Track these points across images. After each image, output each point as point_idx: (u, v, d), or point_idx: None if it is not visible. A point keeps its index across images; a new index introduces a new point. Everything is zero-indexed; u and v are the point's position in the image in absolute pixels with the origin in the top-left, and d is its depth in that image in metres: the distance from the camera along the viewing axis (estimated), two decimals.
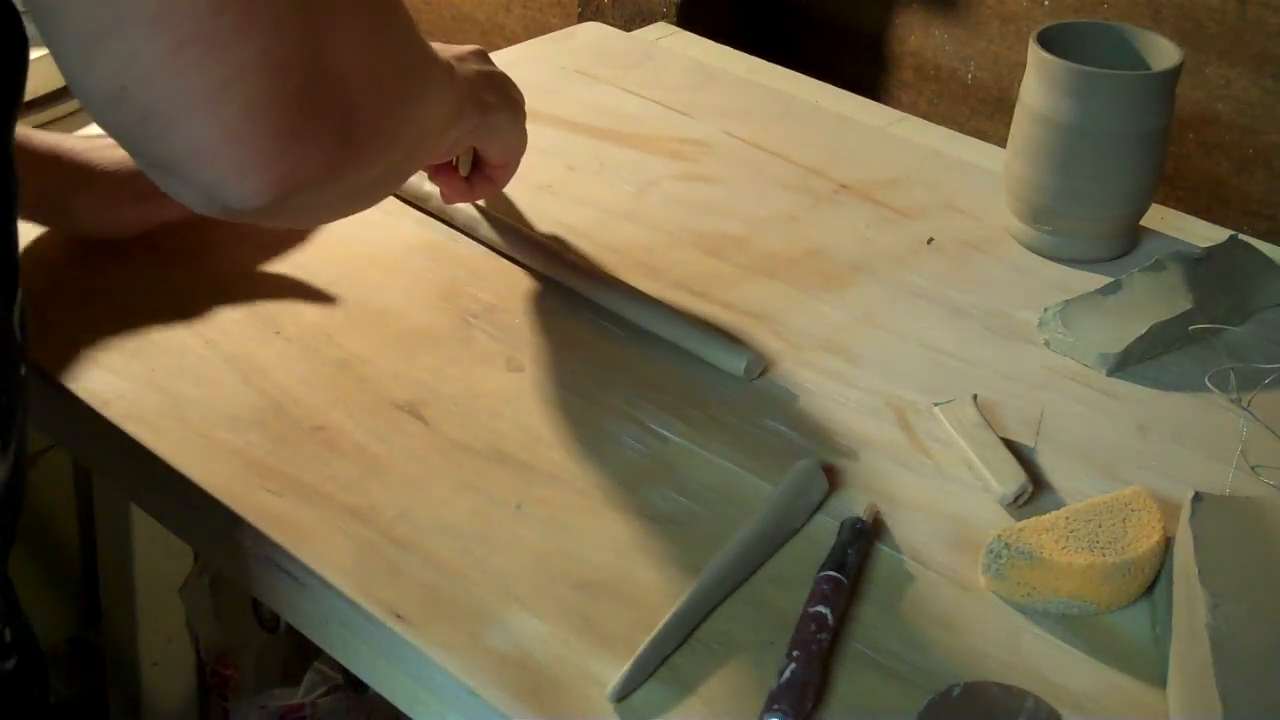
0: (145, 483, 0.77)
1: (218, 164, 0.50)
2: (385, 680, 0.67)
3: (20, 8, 0.54)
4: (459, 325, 0.84)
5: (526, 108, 0.87)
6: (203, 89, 0.48)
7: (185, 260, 0.88)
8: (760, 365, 0.81)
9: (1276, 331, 0.88)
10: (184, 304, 0.84)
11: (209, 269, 0.88)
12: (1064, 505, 0.71)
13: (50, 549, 1.31)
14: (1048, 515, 0.69)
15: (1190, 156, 1.13)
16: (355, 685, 1.16)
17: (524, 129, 0.87)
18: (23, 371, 0.63)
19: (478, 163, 0.87)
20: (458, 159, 0.86)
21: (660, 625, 0.63)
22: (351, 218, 0.92)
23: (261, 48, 0.49)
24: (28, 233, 0.84)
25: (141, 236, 0.89)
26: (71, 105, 1.06)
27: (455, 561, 0.68)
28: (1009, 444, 0.76)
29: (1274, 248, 0.94)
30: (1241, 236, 0.92)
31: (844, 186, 1.02)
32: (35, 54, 1.08)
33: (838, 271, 0.92)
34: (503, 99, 0.83)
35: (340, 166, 0.54)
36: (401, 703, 0.67)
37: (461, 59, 0.82)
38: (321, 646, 0.71)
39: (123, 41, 0.48)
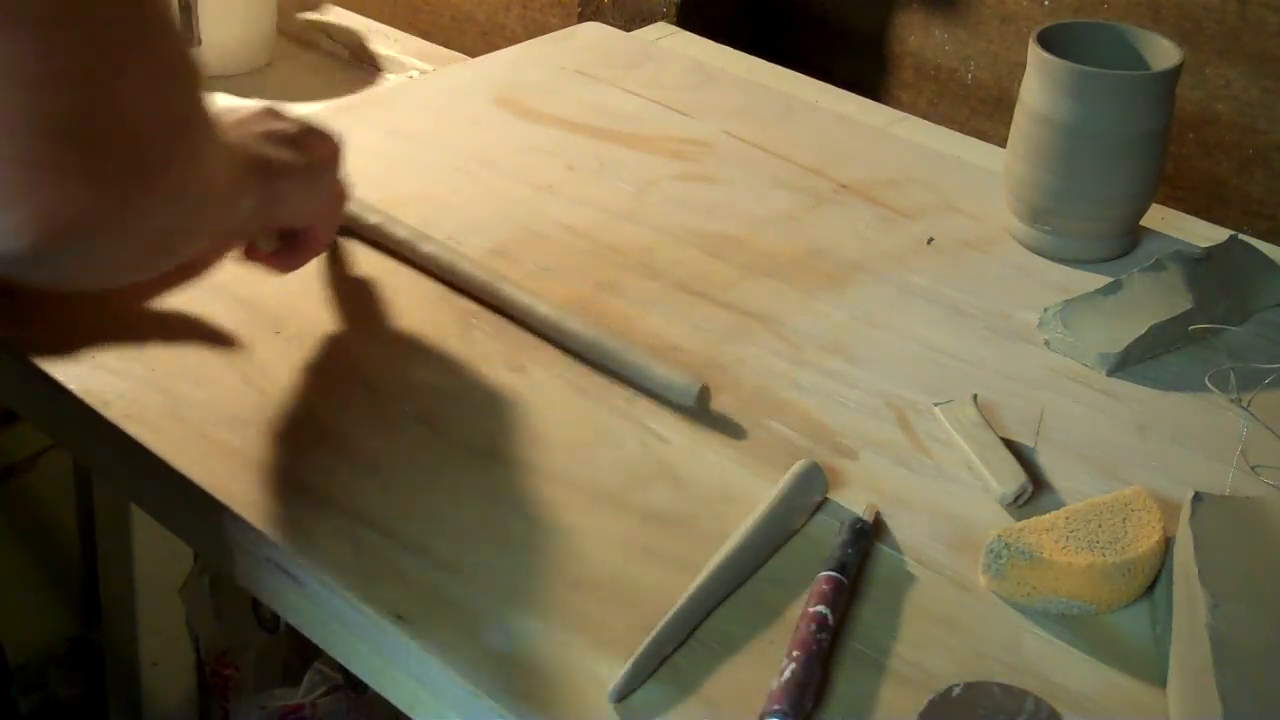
0: (145, 483, 0.77)
1: None
2: (385, 680, 0.67)
3: None
4: (459, 325, 0.84)
5: (528, 107, 0.85)
6: None
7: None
8: (708, 394, 0.78)
9: (1276, 331, 0.88)
10: (184, 304, 0.84)
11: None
12: (1064, 505, 0.71)
13: (50, 549, 1.31)
14: (1048, 515, 0.69)
15: (1190, 156, 1.13)
16: (355, 685, 1.16)
17: (329, 182, 0.79)
18: None
19: (292, 231, 0.79)
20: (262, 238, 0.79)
21: (660, 625, 0.63)
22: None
23: (19, 51, 0.44)
24: None
25: None
26: None
27: (455, 561, 0.68)
28: (1009, 444, 0.76)
29: (1274, 248, 0.94)
30: (1241, 236, 0.92)
31: (844, 186, 1.02)
32: None
33: (838, 271, 0.92)
34: (294, 156, 0.75)
35: (113, 210, 0.48)
36: (401, 703, 0.67)
37: (243, 122, 0.75)
38: (321, 646, 0.71)
39: None
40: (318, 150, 0.78)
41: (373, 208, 0.91)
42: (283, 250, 0.80)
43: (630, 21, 1.31)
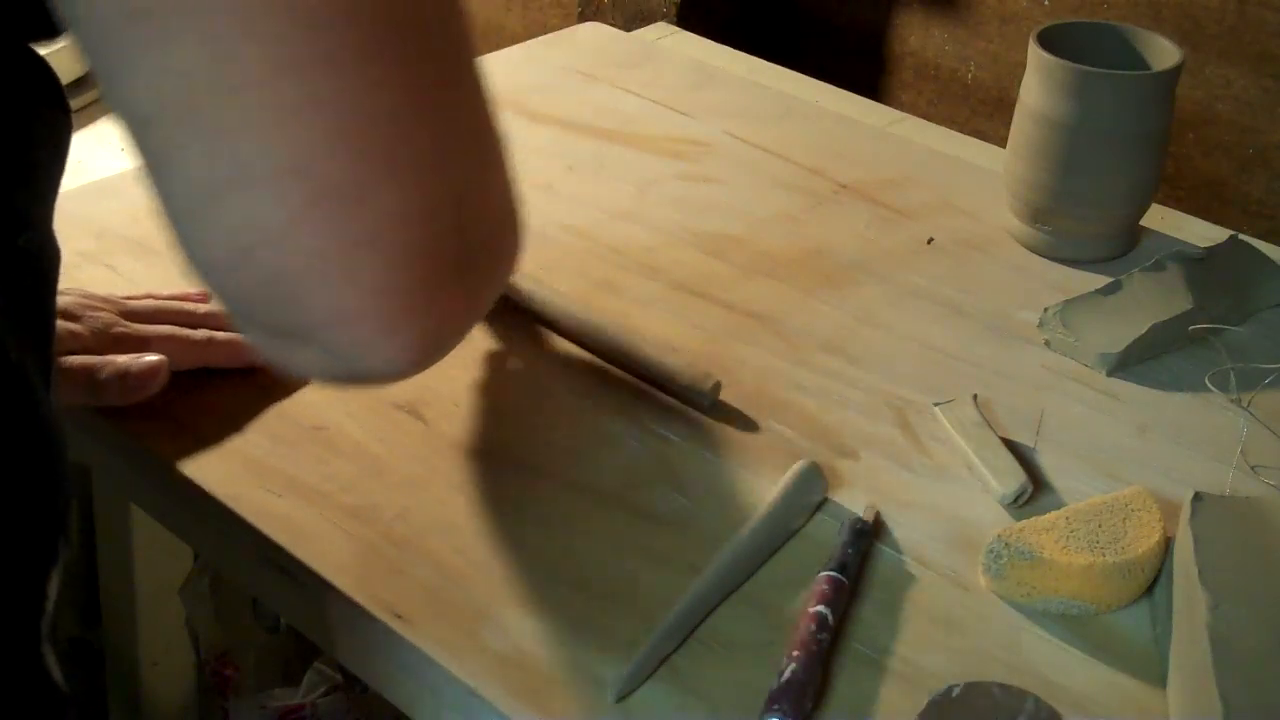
0: (145, 483, 0.76)
1: (358, 327, 0.43)
2: (385, 680, 0.67)
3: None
4: None
5: (528, 107, 0.84)
6: (344, 245, 0.41)
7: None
8: (717, 390, 0.78)
9: (1276, 331, 0.88)
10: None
11: None
12: (1064, 505, 0.71)
13: None
14: (1048, 515, 0.69)
15: (1190, 156, 1.13)
16: (355, 685, 1.16)
17: None
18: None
19: None
20: None
21: (660, 625, 0.63)
22: None
23: (406, 198, 0.42)
24: None
25: (135, 238, 0.89)
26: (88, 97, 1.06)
27: (455, 561, 0.68)
28: (1009, 444, 0.76)
29: (1274, 248, 0.94)
30: (1241, 236, 0.92)
31: (844, 186, 1.02)
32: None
33: (838, 271, 0.92)
34: None
35: (481, 312, 0.48)
36: (401, 703, 0.67)
37: None
38: (321, 646, 0.71)
39: (247, 198, 0.41)
40: None
41: None
42: None
43: (630, 21, 1.31)
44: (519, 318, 0.84)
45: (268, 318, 0.44)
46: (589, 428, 0.77)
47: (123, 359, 0.75)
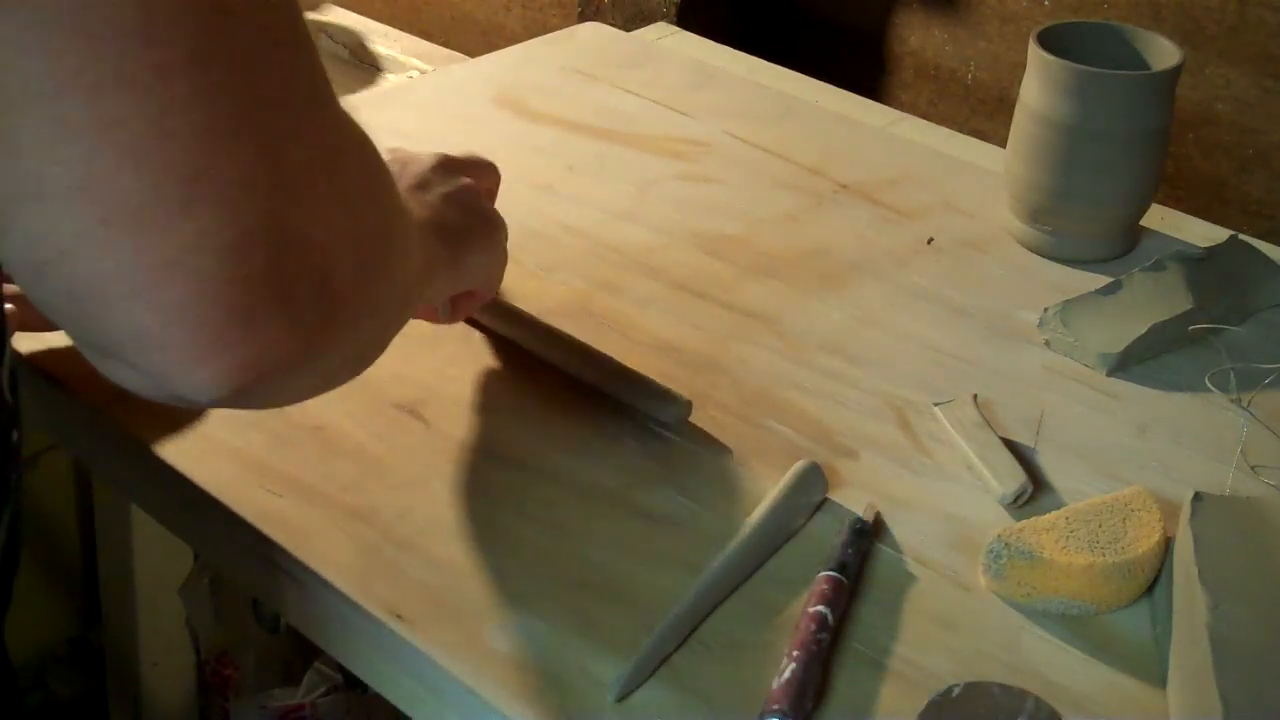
0: (145, 483, 0.76)
1: (165, 351, 0.43)
2: (385, 680, 0.67)
3: None
4: (459, 325, 0.84)
5: (528, 107, 0.84)
6: (141, 267, 0.41)
7: None
8: (688, 411, 0.77)
9: (1276, 331, 0.88)
10: None
11: None
12: (1064, 505, 0.71)
13: (50, 549, 1.31)
14: (1048, 515, 0.69)
15: (1190, 156, 1.13)
16: (355, 685, 1.16)
17: (502, 244, 0.76)
18: (15, 437, 0.59)
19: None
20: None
21: (660, 625, 0.63)
22: None
23: (213, 224, 0.41)
24: None
25: None
26: None
27: (455, 561, 0.68)
28: (1009, 444, 0.76)
29: (1274, 248, 0.94)
30: (1241, 236, 0.92)
31: (844, 186, 1.02)
32: None
33: (838, 271, 0.92)
34: (475, 222, 0.73)
35: (313, 348, 0.46)
36: (401, 703, 0.67)
37: (422, 184, 0.72)
38: (321, 646, 0.71)
39: (40, 212, 0.40)
40: (487, 212, 0.75)
41: None
42: (448, 306, 0.77)
43: (630, 21, 1.31)
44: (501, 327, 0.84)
45: (78, 331, 0.44)
46: (589, 428, 0.77)
47: None
